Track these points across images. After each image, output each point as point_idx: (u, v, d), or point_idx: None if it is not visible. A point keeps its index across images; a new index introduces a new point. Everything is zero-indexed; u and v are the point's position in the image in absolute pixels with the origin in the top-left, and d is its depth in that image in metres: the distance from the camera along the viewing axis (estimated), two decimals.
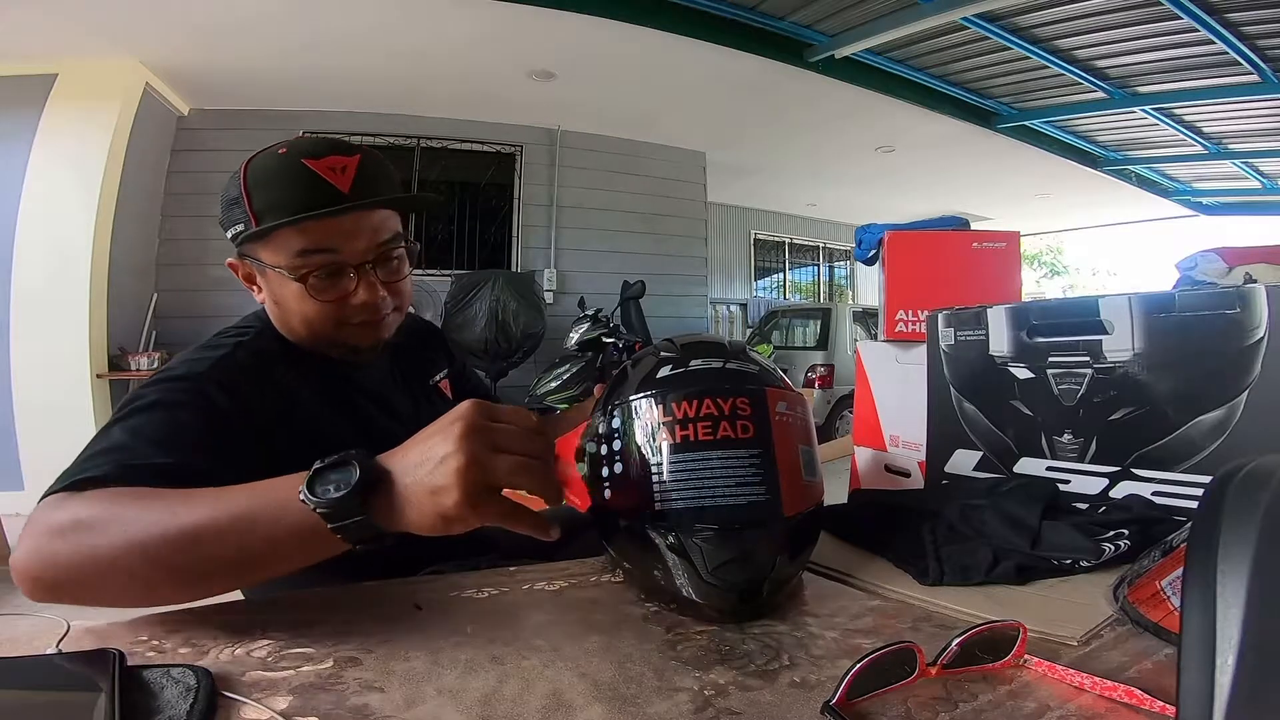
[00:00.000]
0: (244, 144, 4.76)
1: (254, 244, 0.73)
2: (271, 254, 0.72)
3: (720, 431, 0.62)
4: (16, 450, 3.68)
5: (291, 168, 0.71)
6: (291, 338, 0.78)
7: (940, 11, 3.56)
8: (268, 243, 0.72)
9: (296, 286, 0.72)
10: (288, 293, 0.73)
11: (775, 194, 8.11)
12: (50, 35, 3.50)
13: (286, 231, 0.70)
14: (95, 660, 0.42)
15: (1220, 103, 4.61)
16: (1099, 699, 0.43)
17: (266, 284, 0.76)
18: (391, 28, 3.73)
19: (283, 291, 0.74)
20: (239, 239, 0.73)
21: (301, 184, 0.70)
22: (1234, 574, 0.33)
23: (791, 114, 5.13)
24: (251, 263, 0.75)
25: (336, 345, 0.78)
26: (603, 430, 0.65)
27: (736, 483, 0.60)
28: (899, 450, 1.05)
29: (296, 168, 0.71)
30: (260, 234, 0.70)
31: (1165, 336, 0.72)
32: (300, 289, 0.72)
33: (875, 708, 0.42)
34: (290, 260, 0.71)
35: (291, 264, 0.71)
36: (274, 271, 0.72)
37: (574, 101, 4.90)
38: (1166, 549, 0.55)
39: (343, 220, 0.71)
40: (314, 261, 0.71)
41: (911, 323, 1.05)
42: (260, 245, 0.72)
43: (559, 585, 0.65)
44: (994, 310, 0.86)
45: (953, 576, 0.63)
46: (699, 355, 0.65)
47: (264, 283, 0.76)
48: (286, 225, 0.69)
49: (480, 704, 0.43)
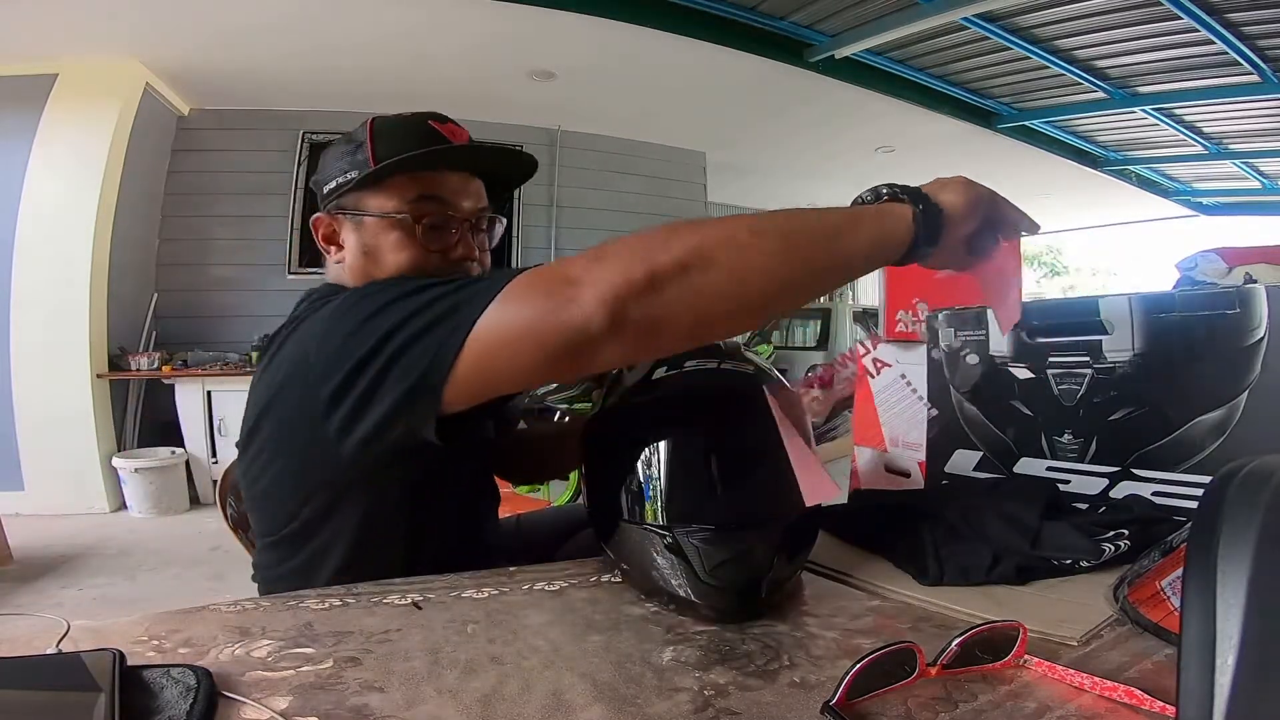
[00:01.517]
0: (244, 144, 4.79)
1: (363, 191, 0.74)
2: (382, 200, 0.74)
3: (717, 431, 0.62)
4: (16, 450, 3.68)
5: (418, 124, 0.76)
6: None
7: (940, 11, 3.56)
8: (381, 188, 0.74)
9: (397, 235, 0.73)
10: (386, 241, 0.74)
11: (775, 194, 8.09)
12: (50, 35, 3.50)
13: (404, 179, 0.73)
14: (95, 660, 0.42)
15: (1220, 103, 4.61)
16: (1099, 699, 0.43)
17: (359, 235, 0.76)
18: (391, 28, 3.73)
19: (379, 241, 0.74)
20: (346, 187, 0.74)
21: (426, 136, 0.74)
22: (1234, 574, 0.33)
23: (791, 114, 5.13)
24: (347, 216, 0.76)
25: None
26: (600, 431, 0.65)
27: (733, 483, 0.60)
28: (899, 450, 1.05)
29: (422, 124, 0.76)
30: (377, 175, 0.72)
31: (1165, 336, 0.72)
32: (400, 237, 0.73)
33: (875, 708, 0.42)
34: (403, 205, 0.73)
35: (404, 208, 0.73)
36: (376, 219, 0.74)
37: (574, 101, 4.90)
38: (1166, 549, 0.55)
39: (454, 177, 0.75)
40: (426, 208, 0.73)
41: (911, 323, 1.05)
42: (371, 192, 0.74)
43: (559, 585, 0.65)
44: None
45: (953, 577, 0.63)
46: (694, 356, 0.65)
47: (356, 235, 0.76)
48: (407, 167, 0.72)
49: (480, 704, 0.43)
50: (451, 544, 0.79)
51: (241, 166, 4.65)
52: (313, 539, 0.73)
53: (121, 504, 3.80)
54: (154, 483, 3.74)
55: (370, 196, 0.74)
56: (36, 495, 3.64)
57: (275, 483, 0.72)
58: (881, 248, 0.58)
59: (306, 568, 0.74)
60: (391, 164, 0.72)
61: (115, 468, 3.73)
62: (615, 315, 0.49)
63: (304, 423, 0.64)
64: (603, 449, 0.65)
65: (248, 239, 4.71)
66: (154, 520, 3.67)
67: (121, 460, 3.72)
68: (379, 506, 0.71)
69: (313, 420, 0.62)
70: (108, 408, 3.88)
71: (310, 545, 0.73)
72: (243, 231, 4.69)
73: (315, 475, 0.69)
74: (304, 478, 0.70)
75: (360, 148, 0.75)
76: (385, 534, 0.73)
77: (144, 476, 3.71)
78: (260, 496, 0.75)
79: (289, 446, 0.69)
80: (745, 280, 0.52)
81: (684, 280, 0.50)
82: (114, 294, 3.93)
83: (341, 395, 0.59)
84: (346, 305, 0.63)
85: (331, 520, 0.71)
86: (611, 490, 0.63)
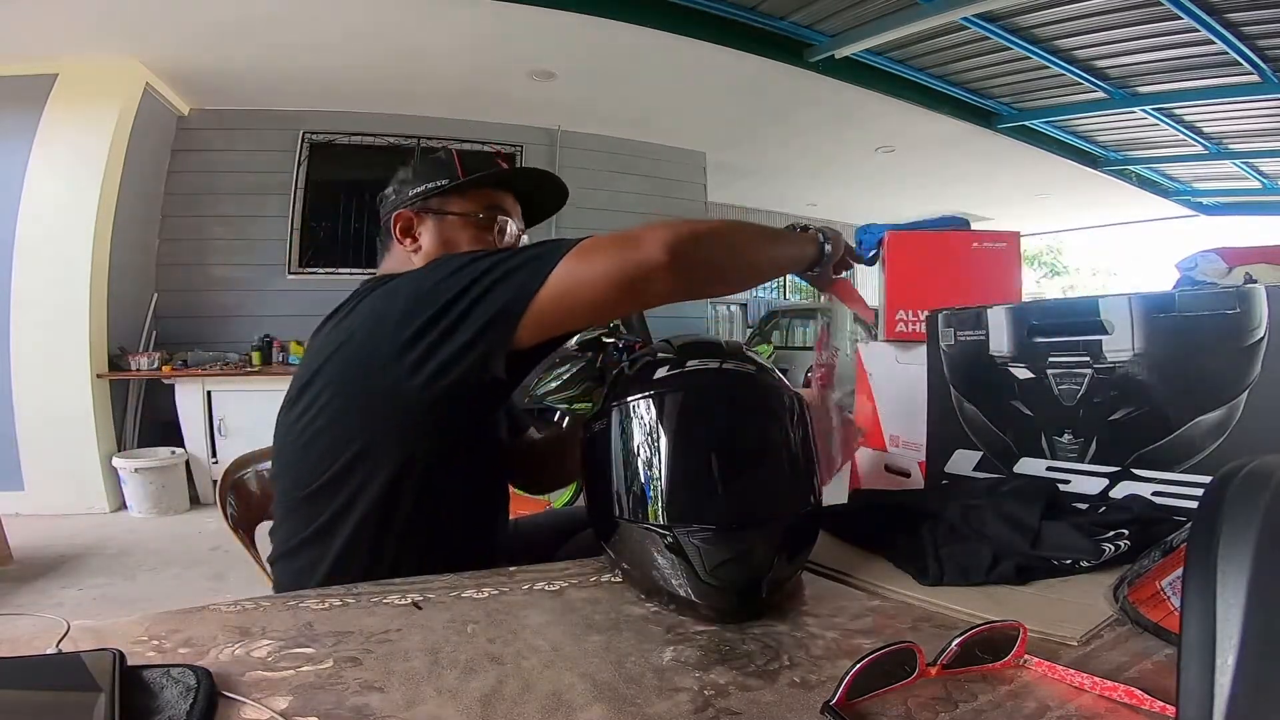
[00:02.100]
0: (244, 144, 4.79)
1: (449, 196, 0.94)
2: (464, 204, 0.94)
3: (717, 431, 0.62)
4: (16, 450, 3.68)
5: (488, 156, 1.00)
6: None
7: (940, 11, 3.56)
8: (466, 196, 0.94)
9: (472, 232, 0.94)
10: (463, 235, 0.94)
11: (775, 194, 8.10)
12: (50, 35, 3.50)
13: (482, 191, 0.95)
14: (95, 660, 0.42)
15: (1220, 103, 4.61)
16: (1099, 699, 0.43)
17: (436, 229, 0.94)
18: (391, 28, 3.73)
19: (457, 235, 0.94)
20: (434, 191, 0.93)
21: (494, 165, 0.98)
22: (1234, 574, 0.33)
23: (791, 114, 5.13)
24: (430, 215, 0.94)
25: None
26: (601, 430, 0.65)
27: (734, 482, 0.60)
28: (899, 450, 1.05)
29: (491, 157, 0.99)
30: (467, 185, 0.93)
31: (1165, 336, 0.72)
32: (475, 233, 0.94)
33: (875, 708, 0.42)
34: (481, 208, 0.95)
35: (482, 210, 0.95)
36: (458, 218, 0.94)
37: (574, 101, 4.90)
38: (1166, 549, 0.55)
39: (510, 198, 0.98)
40: (495, 216, 0.95)
41: (911, 323, 1.05)
42: (455, 198, 0.94)
43: (559, 585, 0.65)
44: (994, 310, 0.86)
45: (953, 576, 0.63)
46: (696, 356, 0.65)
47: (435, 229, 0.94)
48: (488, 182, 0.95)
49: (480, 704, 0.43)
50: (459, 539, 0.85)
51: (241, 166, 4.65)
52: (338, 494, 0.78)
53: (121, 504, 3.80)
54: (154, 483, 3.74)
55: (454, 201, 0.94)
56: (36, 495, 3.64)
57: (324, 426, 0.80)
58: (798, 261, 0.93)
59: (325, 532, 0.79)
60: (479, 176, 0.94)
61: (115, 468, 3.73)
62: (674, 254, 0.70)
63: (372, 363, 0.76)
64: (603, 448, 0.65)
65: (248, 239, 4.71)
66: (154, 520, 3.67)
67: (121, 460, 3.72)
68: (403, 474, 0.78)
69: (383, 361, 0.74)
70: (108, 408, 3.88)
71: (334, 503, 0.79)
72: (243, 231, 4.69)
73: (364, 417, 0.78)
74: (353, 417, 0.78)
75: (448, 165, 0.95)
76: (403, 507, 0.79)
77: (144, 476, 3.71)
78: (302, 448, 0.82)
79: (348, 388, 0.78)
80: (740, 251, 0.82)
81: (712, 240, 0.77)
82: (114, 294, 3.93)
83: (427, 329, 0.72)
84: (434, 265, 0.78)
85: (357, 473, 0.78)
86: (612, 490, 0.63)
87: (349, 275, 4.86)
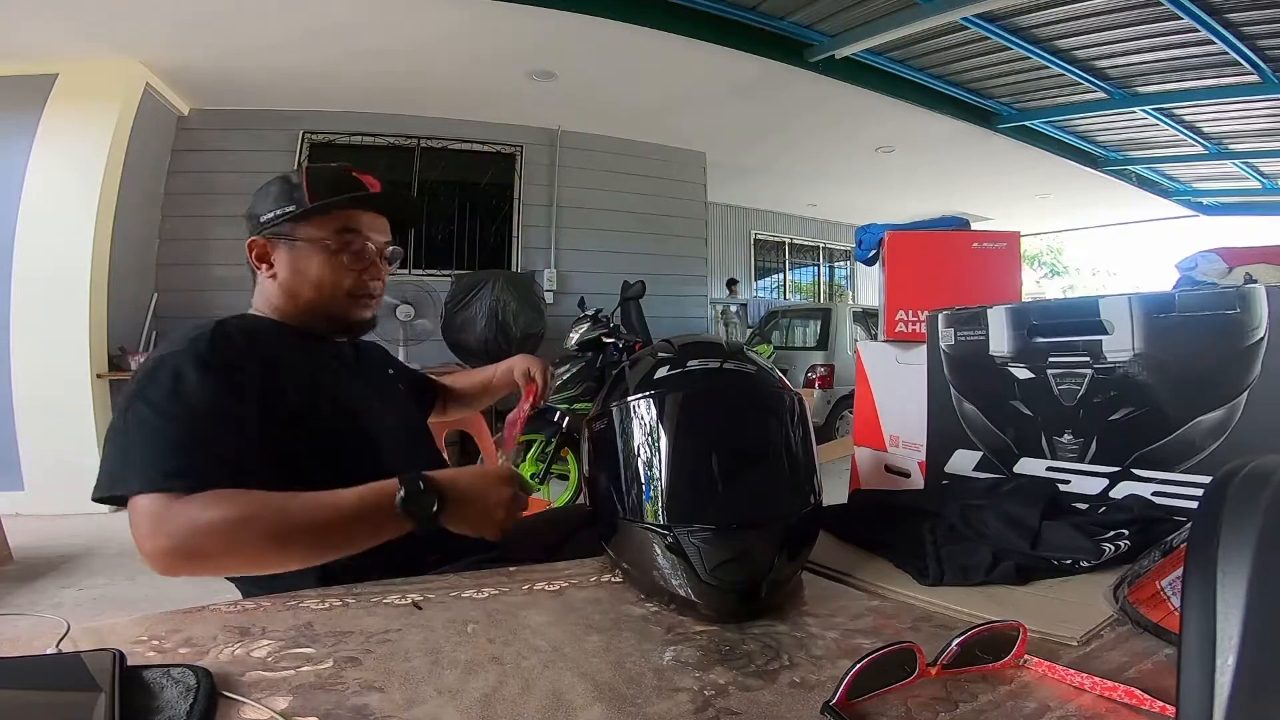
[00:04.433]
0: (244, 144, 4.78)
1: (298, 222, 0.91)
2: (314, 230, 0.91)
3: (717, 432, 0.62)
4: (16, 450, 3.68)
5: (343, 173, 0.95)
6: (294, 307, 0.93)
7: (940, 11, 3.56)
8: (314, 222, 0.91)
9: (324, 257, 0.92)
10: (314, 262, 0.92)
11: (775, 194, 8.10)
12: (50, 35, 3.50)
13: (339, 215, 0.92)
14: (95, 660, 0.42)
15: (1220, 103, 4.61)
16: (1099, 699, 0.43)
17: (291, 257, 0.92)
18: (391, 28, 3.73)
19: (309, 262, 0.92)
20: (283, 218, 0.91)
21: (349, 184, 0.94)
22: (1234, 574, 0.33)
23: (791, 114, 5.13)
24: (281, 241, 0.92)
25: (334, 315, 0.95)
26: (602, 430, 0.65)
27: (734, 482, 0.60)
28: (899, 450, 1.05)
29: (347, 175, 0.95)
30: (315, 210, 0.90)
31: (1165, 336, 0.72)
32: (327, 259, 0.92)
33: (875, 708, 0.42)
34: (332, 235, 0.91)
35: (332, 237, 0.91)
36: (308, 244, 0.91)
37: (574, 101, 4.90)
38: (1166, 549, 0.55)
39: (366, 216, 0.94)
40: (348, 239, 0.92)
41: (911, 323, 1.05)
42: (304, 224, 0.91)
43: (559, 585, 0.65)
44: (994, 310, 0.86)
45: (953, 576, 0.63)
46: (696, 356, 0.65)
47: (286, 257, 0.92)
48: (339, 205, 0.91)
49: (480, 704, 0.43)
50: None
51: (241, 166, 4.64)
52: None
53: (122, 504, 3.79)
54: None
55: (304, 226, 0.91)
56: (36, 495, 3.63)
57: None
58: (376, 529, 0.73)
59: None
60: (324, 203, 0.90)
61: None
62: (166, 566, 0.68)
63: None
64: (604, 448, 0.65)
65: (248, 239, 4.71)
66: None
67: None
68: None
69: None
70: (108, 408, 3.87)
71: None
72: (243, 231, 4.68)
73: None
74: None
75: (297, 188, 0.92)
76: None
77: None
78: None
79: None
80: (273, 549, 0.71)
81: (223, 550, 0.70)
82: (114, 294, 3.93)
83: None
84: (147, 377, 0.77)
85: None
86: (613, 490, 0.63)
87: None
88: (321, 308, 0.93)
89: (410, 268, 5.03)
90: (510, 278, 4.68)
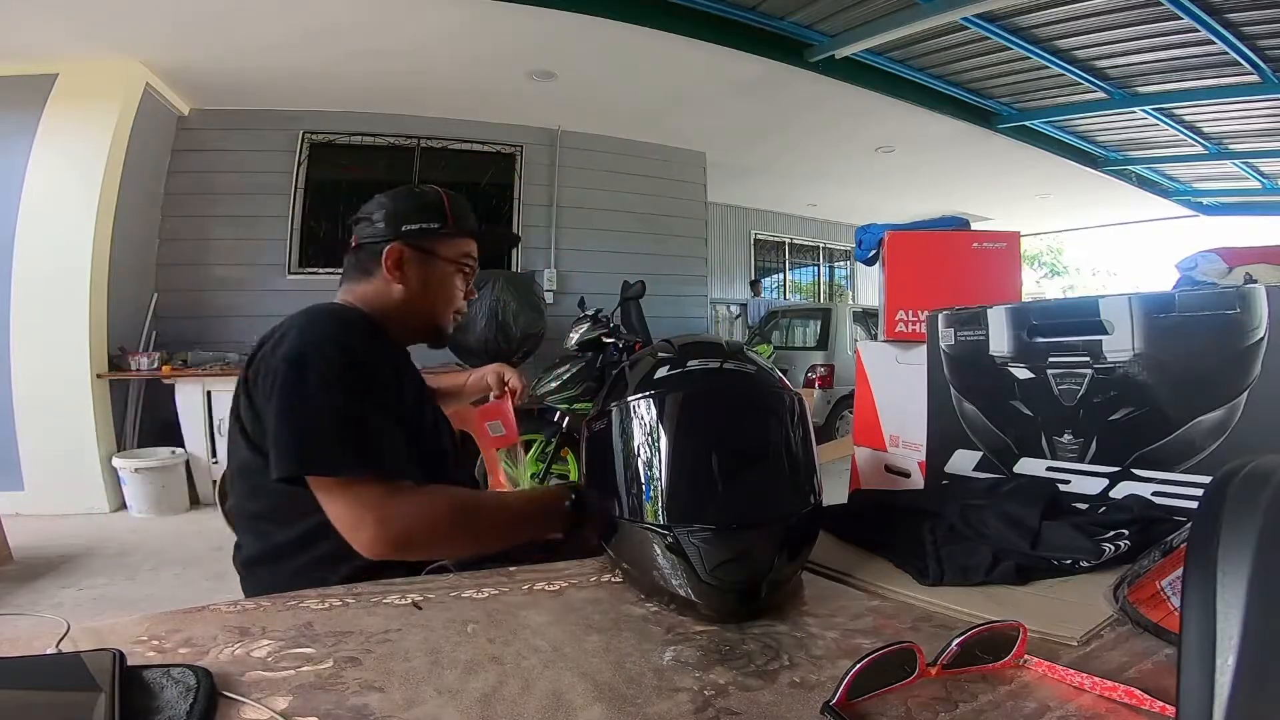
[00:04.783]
0: (244, 144, 4.79)
1: (439, 239, 1.00)
2: (449, 249, 1.01)
3: (717, 431, 0.62)
4: (16, 450, 3.68)
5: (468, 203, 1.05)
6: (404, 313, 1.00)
7: (940, 11, 3.56)
8: (453, 243, 1.01)
9: (452, 276, 1.02)
10: (443, 279, 1.01)
11: (775, 194, 8.10)
12: (50, 35, 3.50)
13: (468, 240, 1.03)
14: (95, 660, 0.42)
15: (1220, 103, 4.61)
16: (1099, 699, 0.43)
17: (423, 269, 0.99)
18: (392, 28, 3.73)
19: (442, 278, 1.01)
20: (428, 232, 0.99)
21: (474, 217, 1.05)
22: (1234, 574, 0.33)
23: (791, 114, 5.13)
24: (418, 253, 0.98)
25: (438, 328, 1.04)
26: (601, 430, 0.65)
27: (734, 482, 0.60)
28: (899, 450, 1.05)
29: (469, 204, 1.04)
30: (456, 233, 1.01)
31: (1165, 336, 0.72)
32: (452, 278, 1.02)
33: (875, 708, 0.42)
34: (460, 257, 1.02)
35: (460, 260, 1.02)
36: (444, 262, 1.01)
37: (574, 101, 4.90)
38: (1166, 549, 0.55)
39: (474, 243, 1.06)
40: (470, 264, 1.04)
41: (911, 323, 1.05)
42: (444, 241, 1.00)
43: (559, 585, 0.65)
44: (994, 310, 0.86)
45: (953, 576, 0.63)
46: (696, 356, 0.65)
47: (420, 268, 0.99)
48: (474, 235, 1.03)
49: (480, 704, 0.43)
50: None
51: (241, 166, 4.64)
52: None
53: (121, 504, 3.79)
54: (154, 483, 3.73)
55: (442, 244, 1.00)
56: (36, 495, 3.63)
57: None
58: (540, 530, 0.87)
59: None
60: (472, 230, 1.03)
61: (115, 468, 3.72)
62: (392, 549, 0.77)
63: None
64: (604, 448, 0.65)
65: (248, 239, 4.71)
66: (154, 520, 3.67)
67: (121, 460, 3.72)
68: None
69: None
70: (108, 408, 3.88)
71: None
72: (243, 231, 4.69)
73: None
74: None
75: (439, 207, 1.00)
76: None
77: (144, 476, 3.71)
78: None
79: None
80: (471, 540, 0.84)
81: (436, 538, 0.82)
82: (114, 294, 3.93)
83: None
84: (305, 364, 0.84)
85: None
86: (612, 490, 0.63)
87: None
88: (433, 320, 1.02)
89: None
90: (510, 278, 4.68)
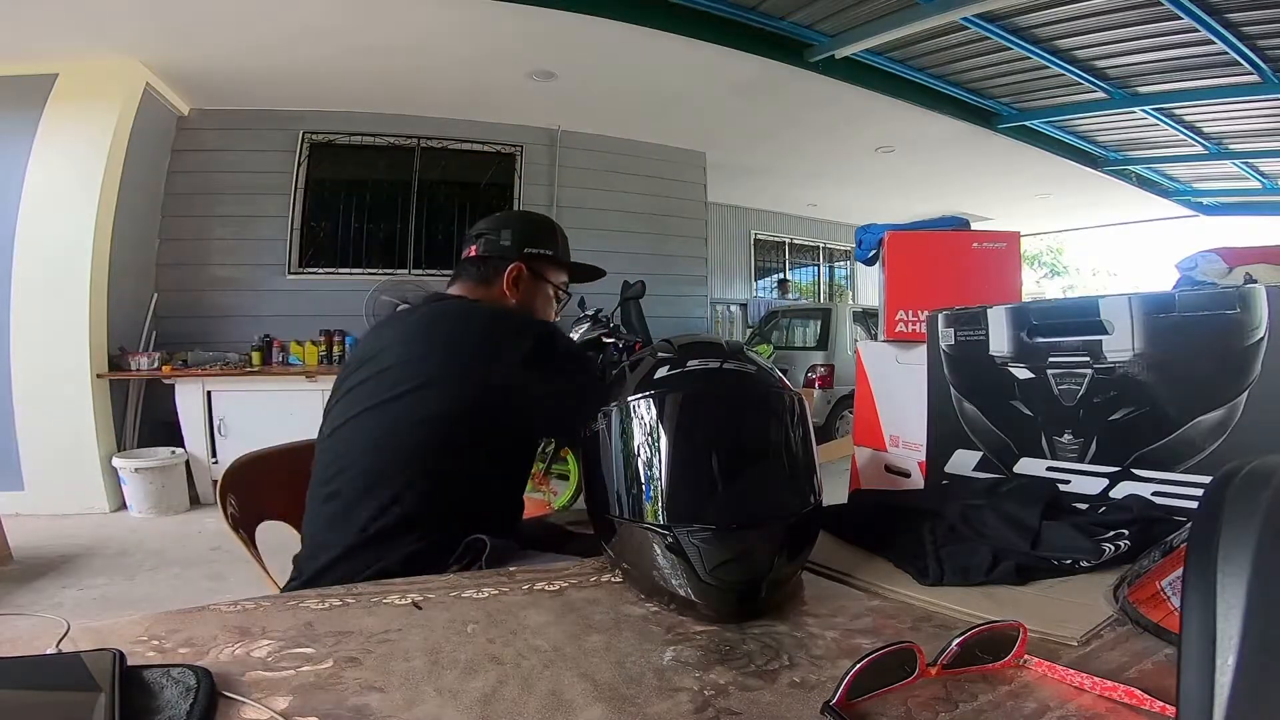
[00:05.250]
0: (244, 144, 4.79)
1: (550, 264, 1.14)
2: (555, 274, 1.16)
3: (717, 431, 0.62)
4: (16, 450, 3.68)
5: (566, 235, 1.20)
6: None
7: (940, 11, 3.56)
8: (560, 269, 1.16)
9: (551, 300, 1.15)
10: (545, 297, 1.14)
11: (775, 194, 8.10)
12: (50, 35, 3.50)
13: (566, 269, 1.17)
14: (95, 660, 0.42)
15: (1220, 103, 4.61)
16: (1099, 699, 0.43)
17: (533, 289, 1.12)
18: (392, 28, 3.73)
19: (545, 299, 1.14)
20: (544, 257, 1.13)
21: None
22: (1234, 574, 0.33)
23: (791, 114, 5.13)
24: (533, 275, 1.11)
25: None
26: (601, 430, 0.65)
27: (734, 482, 0.60)
28: (899, 450, 1.05)
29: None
30: (565, 263, 1.16)
31: (1165, 336, 0.72)
32: (551, 302, 1.16)
33: (875, 708, 0.42)
34: (559, 282, 1.17)
35: (560, 285, 1.17)
36: (549, 284, 1.15)
37: (574, 101, 4.90)
38: (1166, 549, 0.55)
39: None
40: (565, 291, 1.18)
41: (911, 323, 1.05)
42: (553, 267, 1.15)
43: (559, 585, 0.65)
44: (994, 310, 0.86)
45: (953, 577, 0.63)
46: (696, 356, 0.65)
47: (530, 287, 1.12)
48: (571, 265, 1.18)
49: (480, 704, 0.43)
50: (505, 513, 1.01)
51: (241, 166, 4.64)
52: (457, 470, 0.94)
53: (121, 504, 3.79)
54: (154, 483, 3.74)
55: (551, 269, 1.14)
56: (36, 495, 3.63)
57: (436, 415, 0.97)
58: None
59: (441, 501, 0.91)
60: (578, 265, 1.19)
61: (115, 468, 3.72)
62: None
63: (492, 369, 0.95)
64: (603, 448, 0.65)
65: (248, 239, 4.71)
66: (154, 520, 3.67)
67: (121, 460, 3.72)
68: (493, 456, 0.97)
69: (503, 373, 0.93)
70: (108, 408, 3.88)
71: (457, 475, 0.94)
72: (243, 231, 4.69)
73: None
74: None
75: (554, 237, 1.16)
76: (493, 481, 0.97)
77: (144, 476, 3.71)
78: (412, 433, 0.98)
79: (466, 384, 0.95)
80: None
81: None
82: (114, 294, 3.93)
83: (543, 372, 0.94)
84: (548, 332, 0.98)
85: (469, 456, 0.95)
86: (612, 490, 0.63)
87: (349, 275, 4.85)
88: None
89: (410, 268, 5.03)
90: None
